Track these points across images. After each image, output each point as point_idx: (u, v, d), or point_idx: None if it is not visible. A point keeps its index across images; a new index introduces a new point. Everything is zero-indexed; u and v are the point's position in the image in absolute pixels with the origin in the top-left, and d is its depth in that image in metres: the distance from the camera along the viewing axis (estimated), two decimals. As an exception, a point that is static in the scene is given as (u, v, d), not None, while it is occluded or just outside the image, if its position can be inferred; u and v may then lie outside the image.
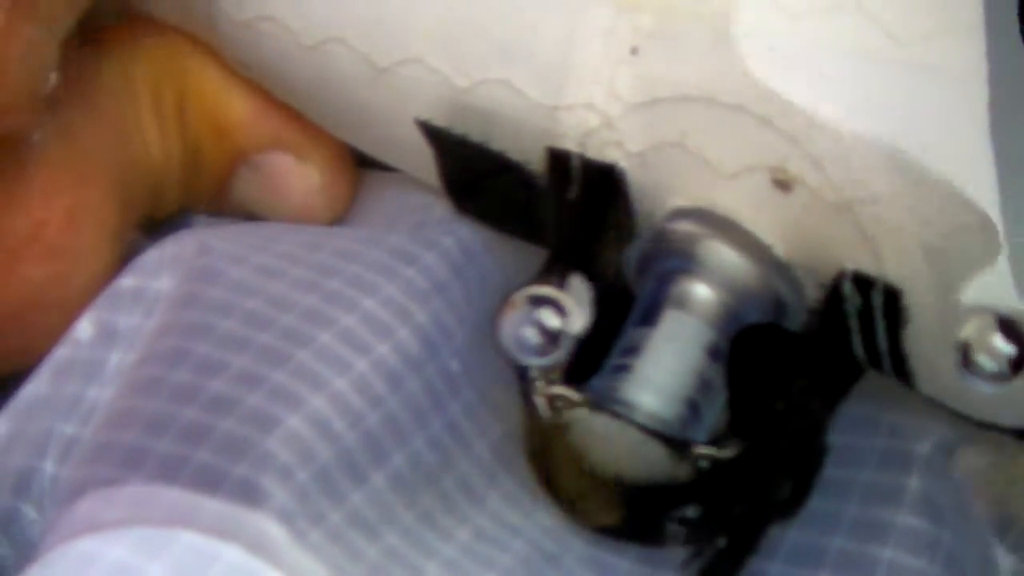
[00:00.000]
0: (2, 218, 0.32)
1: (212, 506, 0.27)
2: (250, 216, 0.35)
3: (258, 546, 0.27)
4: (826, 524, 0.30)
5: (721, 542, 0.31)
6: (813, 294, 0.30)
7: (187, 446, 0.28)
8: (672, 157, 0.30)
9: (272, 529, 0.27)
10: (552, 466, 0.32)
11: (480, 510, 0.31)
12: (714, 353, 0.30)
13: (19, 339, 0.32)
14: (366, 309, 0.31)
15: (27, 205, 0.32)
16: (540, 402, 0.31)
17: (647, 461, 0.30)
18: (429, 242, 0.32)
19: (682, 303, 0.30)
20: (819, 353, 0.31)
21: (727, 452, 0.30)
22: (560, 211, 0.31)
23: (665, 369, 0.30)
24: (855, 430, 0.31)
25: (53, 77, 0.31)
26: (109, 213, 0.33)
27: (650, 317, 0.30)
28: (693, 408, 0.30)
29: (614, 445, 0.30)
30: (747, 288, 0.30)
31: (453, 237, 0.33)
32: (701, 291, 0.30)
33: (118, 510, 0.27)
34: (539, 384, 0.31)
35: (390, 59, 0.32)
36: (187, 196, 0.34)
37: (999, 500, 0.31)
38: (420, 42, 0.31)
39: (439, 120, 0.32)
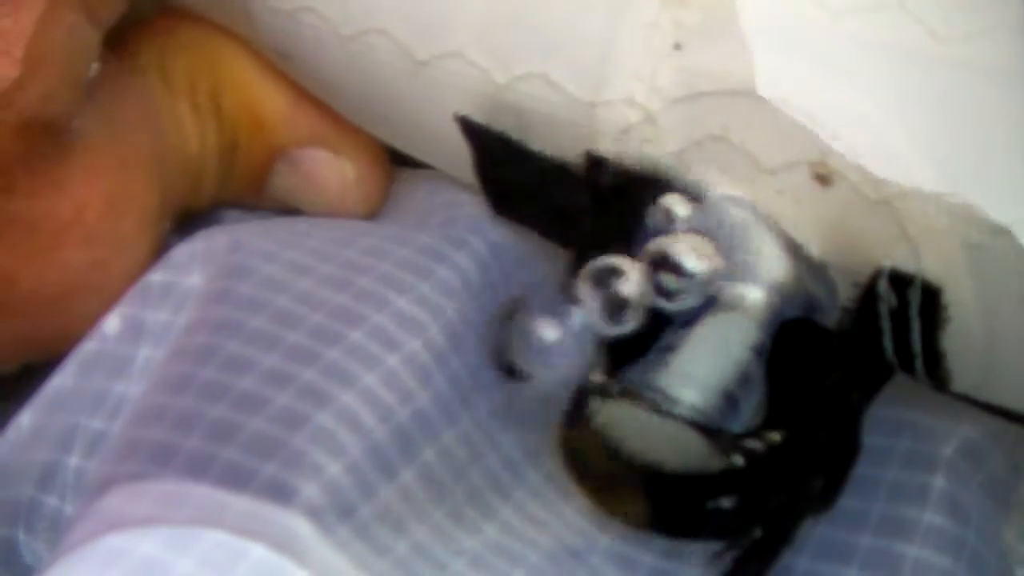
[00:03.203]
0: (44, 202, 0.32)
1: (240, 503, 0.27)
2: (286, 210, 0.35)
3: (285, 544, 0.27)
4: (854, 521, 0.30)
5: (756, 533, 0.31)
6: (847, 292, 0.30)
7: (215, 443, 0.28)
8: (711, 152, 0.30)
9: (300, 526, 0.27)
10: (583, 456, 0.32)
11: (507, 505, 0.31)
12: (756, 348, 0.30)
13: (58, 325, 0.32)
14: (398, 307, 0.31)
15: (68, 189, 0.32)
16: (576, 388, 0.31)
17: (685, 452, 0.30)
18: (458, 241, 0.32)
19: (727, 300, 0.30)
20: (852, 351, 0.31)
21: (765, 444, 0.30)
22: (595, 205, 0.32)
23: (705, 363, 0.30)
24: (880, 431, 0.31)
25: (95, 67, 0.31)
26: (148, 200, 0.33)
27: (695, 314, 0.30)
28: (731, 401, 0.30)
29: (652, 435, 0.30)
30: (784, 286, 0.30)
31: (481, 237, 0.33)
32: (743, 289, 0.30)
33: (146, 506, 0.28)
34: None
35: (430, 52, 0.32)
36: (224, 188, 0.35)
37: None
38: (461, 34, 0.31)
39: (477, 116, 0.32)
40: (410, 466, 0.29)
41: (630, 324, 0.31)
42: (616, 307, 0.30)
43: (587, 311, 0.31)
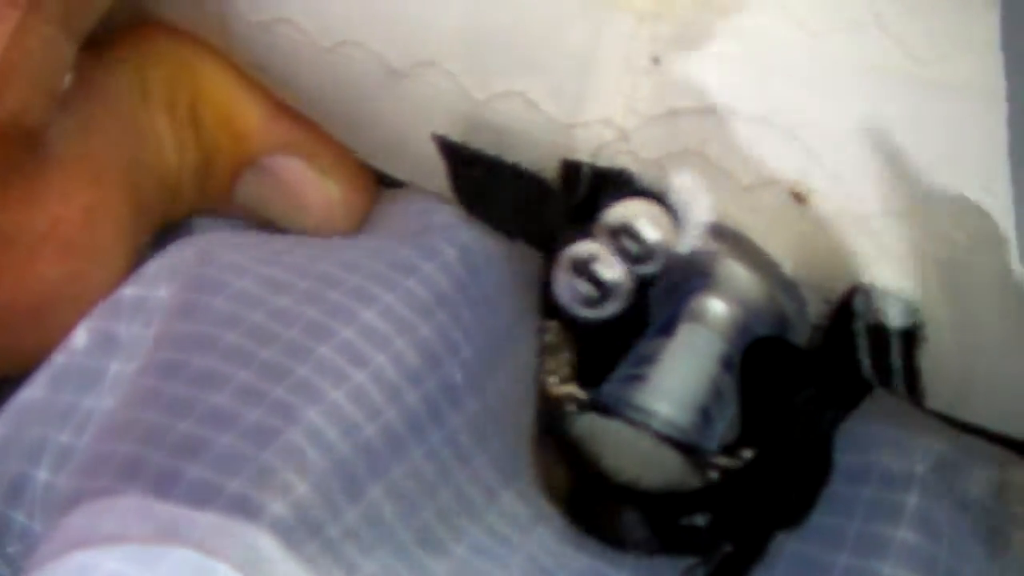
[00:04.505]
0: (20, 215, 0.32)
1: (206, 519, 0.27)
2: (255, 216, 0.35)
3: (250, 561, 0.27)
4: (831, 539, 0.30)
5: (727, 548, 0.31)
6: (818, 309, 0.30)
7: (183, 459, 0.28)
8: (687, 166, 0.30)
9: (266, 543, 0.27)
10: (559, 471, 0.32)
11: (478, 525, 0.31)
12: (726, 363, 0.30)
13: (34, 337, 0.32)
14: (364, 321, 0.30)
15: (44, 202, 0.32)
16: (552, 402, 0.31)
17: (661, 468, 0.30)
18: (430, 252, 0.32)
19: (697, 316, 0.30)
20: (825, 368, 0.31)
21: (740, 460, 0.30)
22: (568, 213, 0.31)
23: (680, 378, 0.30)
24: (858, 449, 0.31)
25: (69, 78, 0.31)
26: (124, 212, 0.33)
27: (666, 329, 0.30)
28: (706, 416, 0.30)
29: (628, 451, 0.30)
30: (756, 303, 0.30)
31: (456, 248, 0.32)
32: (715, 305, 0.30)
33: (112, 522, 0.28)
34: (551, 382, 0.31)
35: (408, 65, 0.32)
36: (201, 200, 0.34)
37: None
38: (440, 49, 0.31)
39: (454, 133, 0.32)
40: (378, 483, 0.29)
41: (611, 308, 0.31)
42: (595, 294, 0.31)
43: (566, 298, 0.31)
